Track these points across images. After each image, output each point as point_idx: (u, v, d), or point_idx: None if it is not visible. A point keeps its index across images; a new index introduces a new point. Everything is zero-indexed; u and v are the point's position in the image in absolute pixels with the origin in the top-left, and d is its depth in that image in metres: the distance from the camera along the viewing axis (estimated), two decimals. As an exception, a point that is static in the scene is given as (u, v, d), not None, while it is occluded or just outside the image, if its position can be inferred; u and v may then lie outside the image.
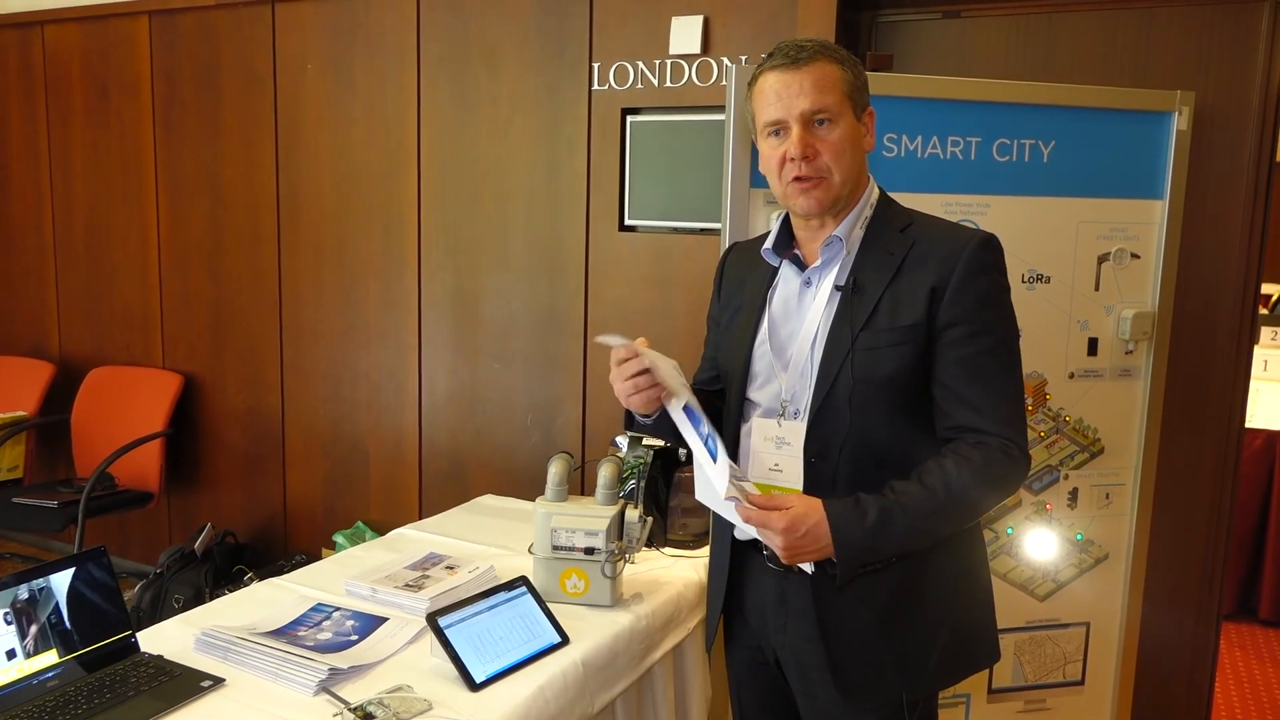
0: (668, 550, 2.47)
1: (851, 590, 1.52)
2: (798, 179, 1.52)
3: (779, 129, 1.52)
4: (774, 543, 1.45)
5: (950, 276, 1.48)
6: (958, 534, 1.62)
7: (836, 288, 1.55)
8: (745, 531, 1.62)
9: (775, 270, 1.65)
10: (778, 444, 1.57)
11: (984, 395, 1.49)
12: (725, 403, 1.69)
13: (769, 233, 1.69)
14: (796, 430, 1.55)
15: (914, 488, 1.46)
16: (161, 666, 1.73)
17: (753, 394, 1.63)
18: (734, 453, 1.65)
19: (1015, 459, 1.49)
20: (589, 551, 2.05)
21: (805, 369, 1.55)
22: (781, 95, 1.50)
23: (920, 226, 1.57)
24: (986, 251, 1.51)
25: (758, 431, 1.60)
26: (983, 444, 1.47)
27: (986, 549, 1.70)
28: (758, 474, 1.59)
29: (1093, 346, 2.48)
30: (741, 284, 1.72)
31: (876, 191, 1.61)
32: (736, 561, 1.69)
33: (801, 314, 1.59)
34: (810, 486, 1.53)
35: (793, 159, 1.51)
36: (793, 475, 1.56)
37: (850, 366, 1.50)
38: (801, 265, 1.61)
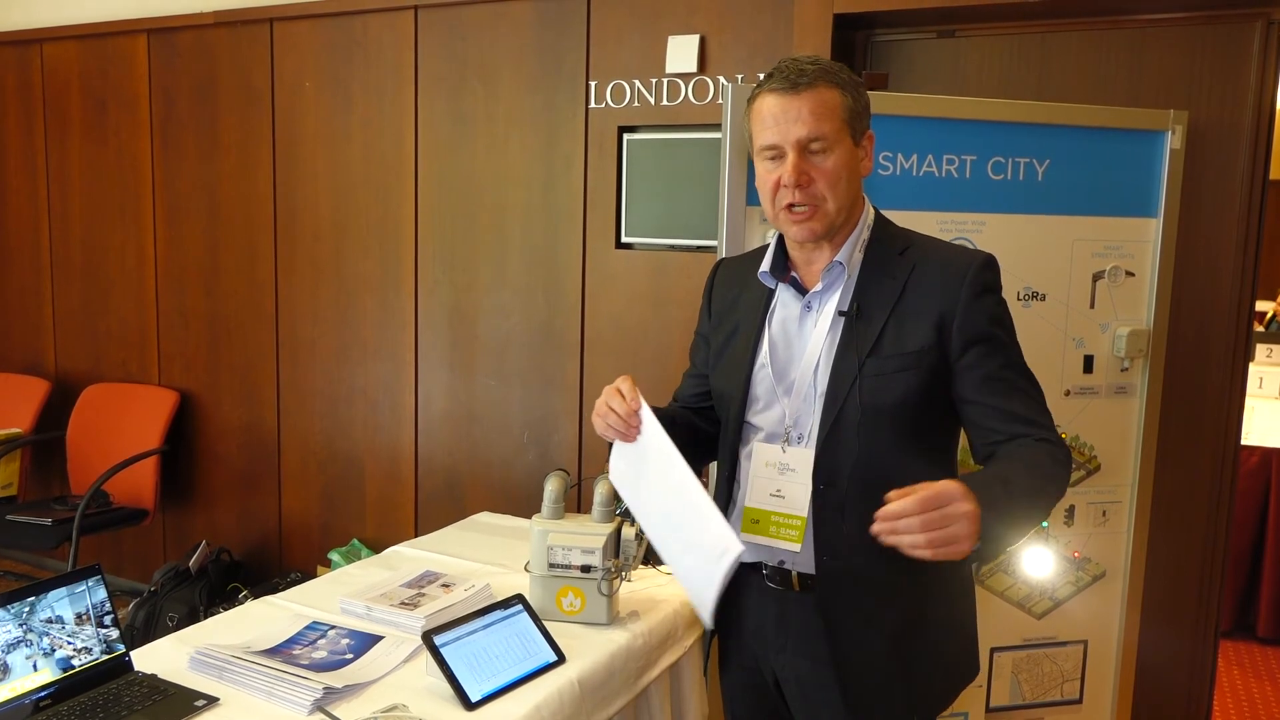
0: (664, 568, 2.46)
1: (862, 615, 1.53)
2: (790, 207, 1.51)
3: (775, 153, 1.52)
4: (961, 510, 1.25)
5: (957, 300, 1.49)
6: (957, 581, 1.62)
7: (840, 313, 1.54)
8: (743, 556, 1.61)
9: (772, 292, 1.64)
10: (780, 469, 1.56)
11: (1023, 405, 1.49)
12: (722, 426, 1.68)
13: (760, 250, 1.69)
14: (803, 457, 1.54)
15: (1007, 464, 1.42)
16: (155, 685, 1.72)
17: (753, 418, 1.62)
18: (732, 475, 1.65)
19: (1068, 457, 1.49)
20: (585, 569, 2.04)
21: (809, 394, 1.55)
22: (779, 120, 1.49)
23: (919, 249, 1.57)
24: (988, 272, 1.53)
25: (759, 456, 1.59)
26: (1046, 442, 1.46)
27: (971, 567, 1.71)
28: (758, 499, 1.58)
29: (1088, 364, 2.48)
30: (734, 304, 1.71)
31: (872, 213, 1.61)
32: (733, 582, 1.67)
33: (803, 339, 1.58)
34: (818, 513, 1.53)
35: (786, 185, 1.50)
36: (796, 501, 1.55)
37: (858, 392, 1.49)
38: (800, 288, 1.60)
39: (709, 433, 1.75)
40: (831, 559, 1.53)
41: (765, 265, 1.62)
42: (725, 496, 1.67)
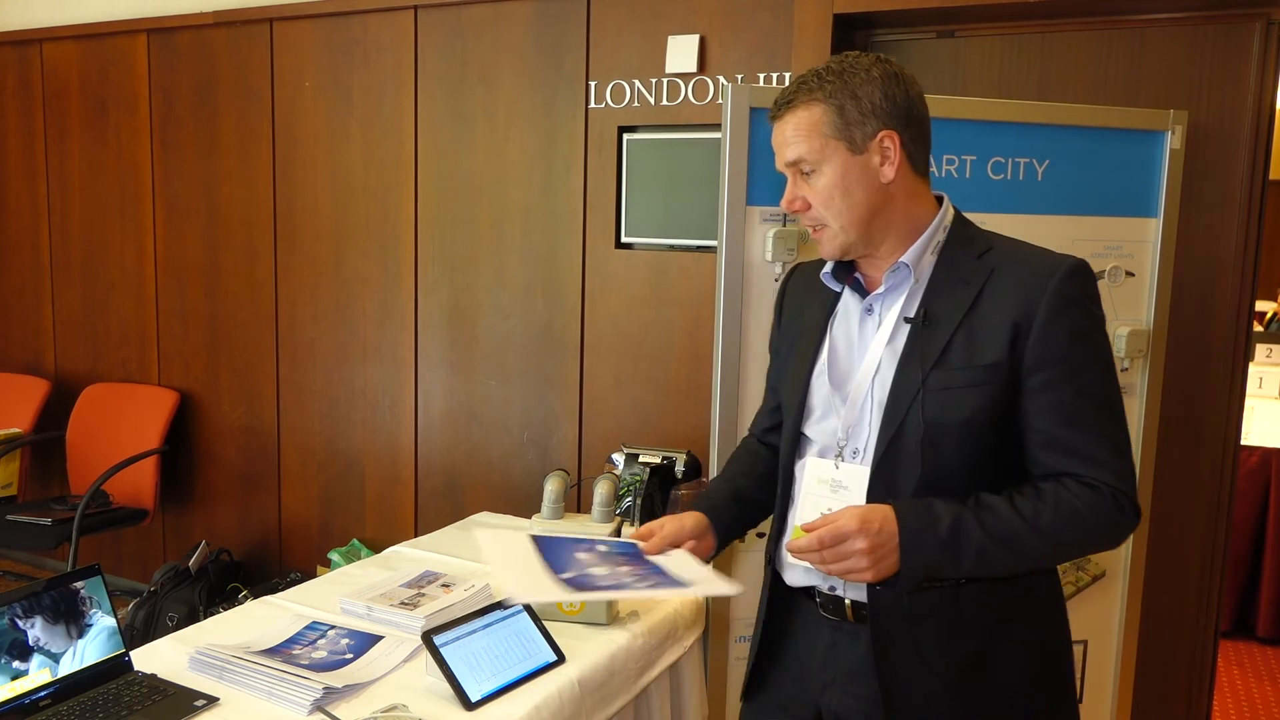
0: (664, 568, 2.46)
1: (918, 651, 1.41)
2: (810, 226, 1.47)
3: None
4: (855, 548, 1.31)
5: (1036, 311, 1.36)
6: (1038, 596, 1.49)
7: (905, 319, 1.43)
8: (795, 578, 1.53)
9: (837, 296, 1.54)
10: (833, 488, 1.45)
11: (1086, 441, 1.36)
12: (782, 436, 1.58)
13: None
14: (857, 475, 1.42)
15: (1001, 505, 1.35)
16: (155, 685, 1.72)
17: (808, 429, 1.52)
18: (786, 491, 1.56)
19: (1125, 512, 1.36)
20: (585, 569, 2.04)
21: (866, 406, 1.44)
22: (775, 147, 1.47)
23: (1000, 253, 1.44)
24: (1075, 280, 1.38)
25: (811, 472, 1.49)
26: (1092, 488, 1.35)
27: (1068, 613, 1.53)
28: (808, 517, 1.44)
29: (1088, 364, 2.48)
30: (802, 310, 1.61)
31: (951, 214, 1.48)
32: (783, 609, 1.57)
33: (863, 345, 1.47)
34: None
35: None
36: None
37: (920, 408, 1.37)
38: (863, 291, 1.49)
39: (755, 500, 1.68)
40: (886, 587, 1.39)
41: (828, 266, 1.51)
42: (780, 513, 1.57)
